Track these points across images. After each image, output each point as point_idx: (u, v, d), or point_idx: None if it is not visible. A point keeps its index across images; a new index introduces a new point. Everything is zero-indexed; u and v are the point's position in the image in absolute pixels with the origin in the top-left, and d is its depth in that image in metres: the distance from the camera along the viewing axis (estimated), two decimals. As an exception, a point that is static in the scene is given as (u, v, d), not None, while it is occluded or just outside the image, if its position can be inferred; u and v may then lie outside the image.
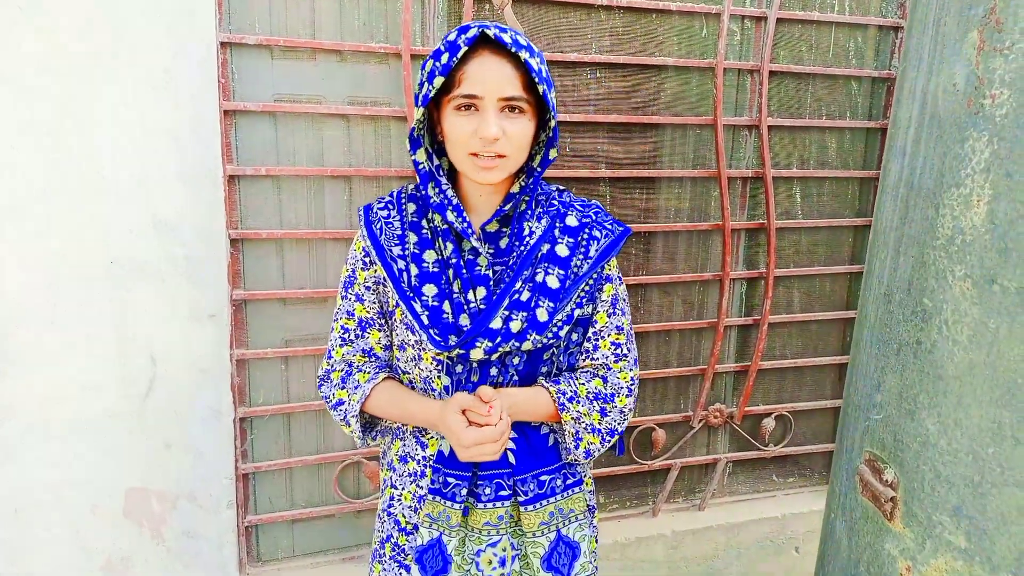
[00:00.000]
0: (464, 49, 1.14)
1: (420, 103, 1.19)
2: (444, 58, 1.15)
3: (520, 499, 1.29)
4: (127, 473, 1.78)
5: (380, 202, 1.33)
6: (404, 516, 1.34)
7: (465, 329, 1.22)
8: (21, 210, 1.61)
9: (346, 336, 1.35)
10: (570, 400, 1.29)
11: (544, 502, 1.31)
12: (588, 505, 1.40)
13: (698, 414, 2.32)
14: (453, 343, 1.21)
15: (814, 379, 2.48)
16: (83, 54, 1.59)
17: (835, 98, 2.29)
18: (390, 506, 1.36)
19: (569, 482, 1.36)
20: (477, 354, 1.21)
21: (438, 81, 1.15)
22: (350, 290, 1.33)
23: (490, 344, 1.21)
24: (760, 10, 2.13)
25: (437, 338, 1.21)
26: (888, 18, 2.25)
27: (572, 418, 1.29)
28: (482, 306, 1.24)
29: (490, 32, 1.14)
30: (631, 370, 1.37)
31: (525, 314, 1.23)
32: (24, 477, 1.71)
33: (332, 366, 1.36)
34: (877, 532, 1.32)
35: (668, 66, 2.11)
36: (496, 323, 1.22)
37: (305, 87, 1.84)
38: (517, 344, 1.22)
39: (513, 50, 1.15)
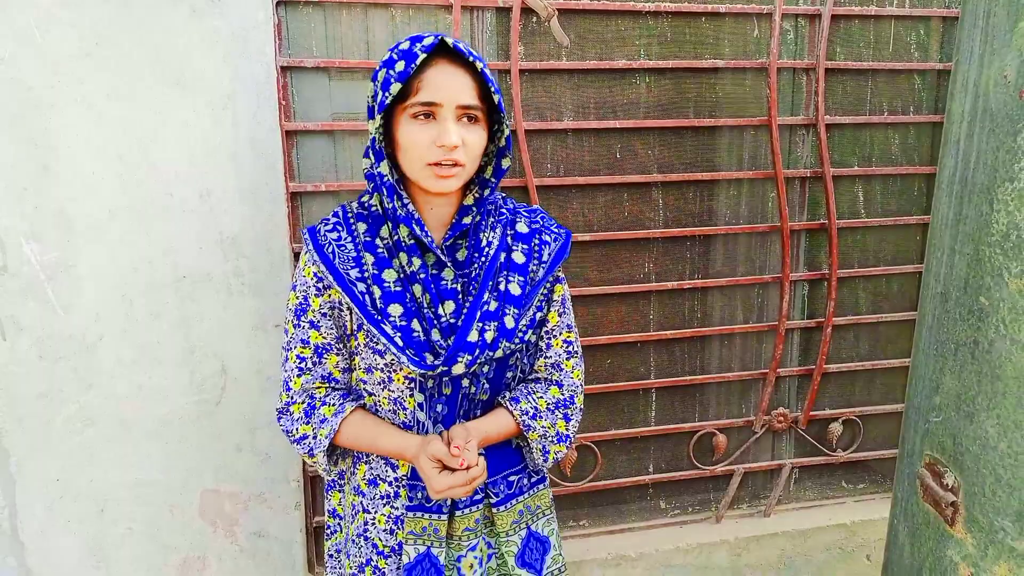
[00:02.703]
0: (423, 57, 1.14)
1: (378, 111, 1.18)
2: (400, 65, 1.15)
3: (492, 500, 1.34)
4: (201, 475, 1.88)
5: (326, 224, 1.30)
6: (381, 539, 1.34)
7: (438, 344, 1.23)
8: (97, 229, 1.73)
9: (303, 365, 1.31)
10: (533, 418, 1.33)
11: (513, 501, 1.36)
12: (551, 499, 1.45)
13: (760, 418, 2.29)
14: (435, 362, 1.21)
15: (885, 382, 2.41)
16: (150, 81, 1.70)
17: (898, 93, 2.23)
18: (365, 531, 1.35)
19: (534, 479, 1.41)
20: (459, 369, 1.22)
21: (395, 88, 1.15)
22: (303, 318, 1.29)
23: (470, 357, 1.22)
24: (814, 7, 2.09)
25: (416, 359, 1.21)
26: (952, 8, 2.17)
27: (539, 435, 1.34)
28: (452, 320, 1.25)
29: (448, 41, 1.16)
30: (580, 367, 1.42)
31: (496, 323, 1.25)
32: (107, 478, 1.83)
33: (291, 398, 1.32)
34: (939, 538, 1.28)
35: (720, 68, 2.10)
36: (473, 336, 1.23)
37: (361, 105, 1.91)
38: (491, 353, 1.25)
39: (470, 59, 1.17)
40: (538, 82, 2.00)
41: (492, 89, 1.19)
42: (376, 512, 1.34)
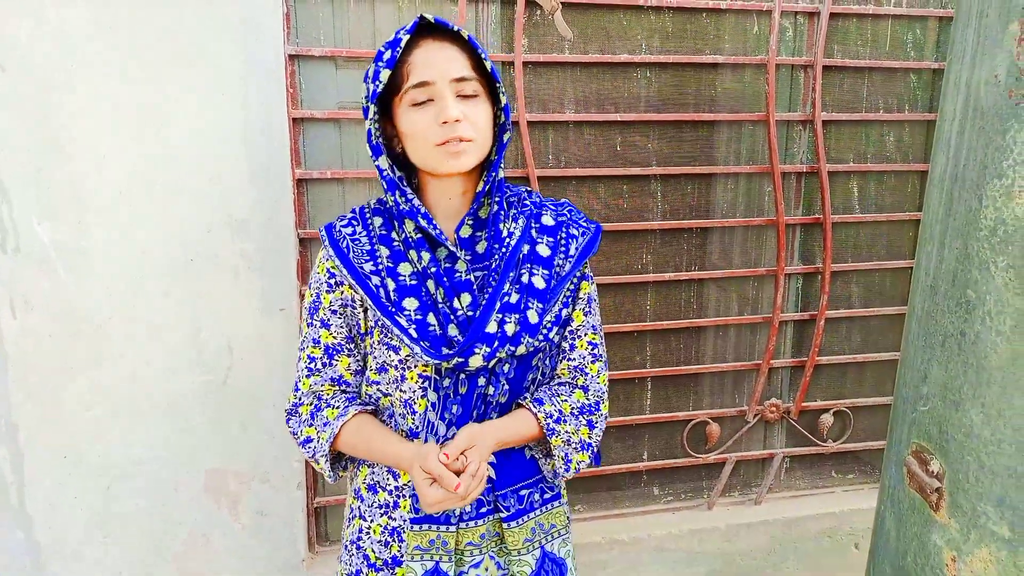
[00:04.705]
0: (406, 39, 1.13)
1: (370, 100, 1.15)
2: (387, 54, 1.14)
3: (502, 515, 1.26)
4: (206, 454, 1.91)
5: (342, 219, 1.27)
6: (374, 551, 1.28)
7: (455, 339, 1.17)
8: (108, 210, 1.75)
9: (312, 366, 1.27)
10: (557, 422, 1.24)
11: (525, 517, 1.28)
12: (567, 518, 1.36)
13: (753, 409, 2.33)
14: (449, 352, 1.15)
15: (875, 375, 2.45)
16: (163, 66, 1.72)
17: (893, 91, 2.27)
18: (359, 539, 1.30)
19: (547, 496, 1.32)
20: (476, 361, 1.16)
21: (385, 75, 1.13)
22: (315, 316, 1.25)
23: (488, 349, 1.16)
24: (813, 5, 2.12)
25: (431, 350, 1.16)
26: (949, 9, 2.21)
27: (562, 441, 1.25)
28: (469, 313, 1.19)
29: (429, 17, 1.15)
30: (605, 371, 1.34)
31: (517, 316, 1.19)
32: (114, 455, 1.86)
33: (300, 399, 1.28)
34: (924, 523, 1.32)
35: (720, 64, 2.13)
36: (491, 327, 1.17)
37: (367, 93, 1.95)
38: (512, 348, 1.18)
39: (455, 28, 1.15)
40: (541, 74, 2.03)
41: (483, 56, 1.16)
42: (372, 521, 1.29)
